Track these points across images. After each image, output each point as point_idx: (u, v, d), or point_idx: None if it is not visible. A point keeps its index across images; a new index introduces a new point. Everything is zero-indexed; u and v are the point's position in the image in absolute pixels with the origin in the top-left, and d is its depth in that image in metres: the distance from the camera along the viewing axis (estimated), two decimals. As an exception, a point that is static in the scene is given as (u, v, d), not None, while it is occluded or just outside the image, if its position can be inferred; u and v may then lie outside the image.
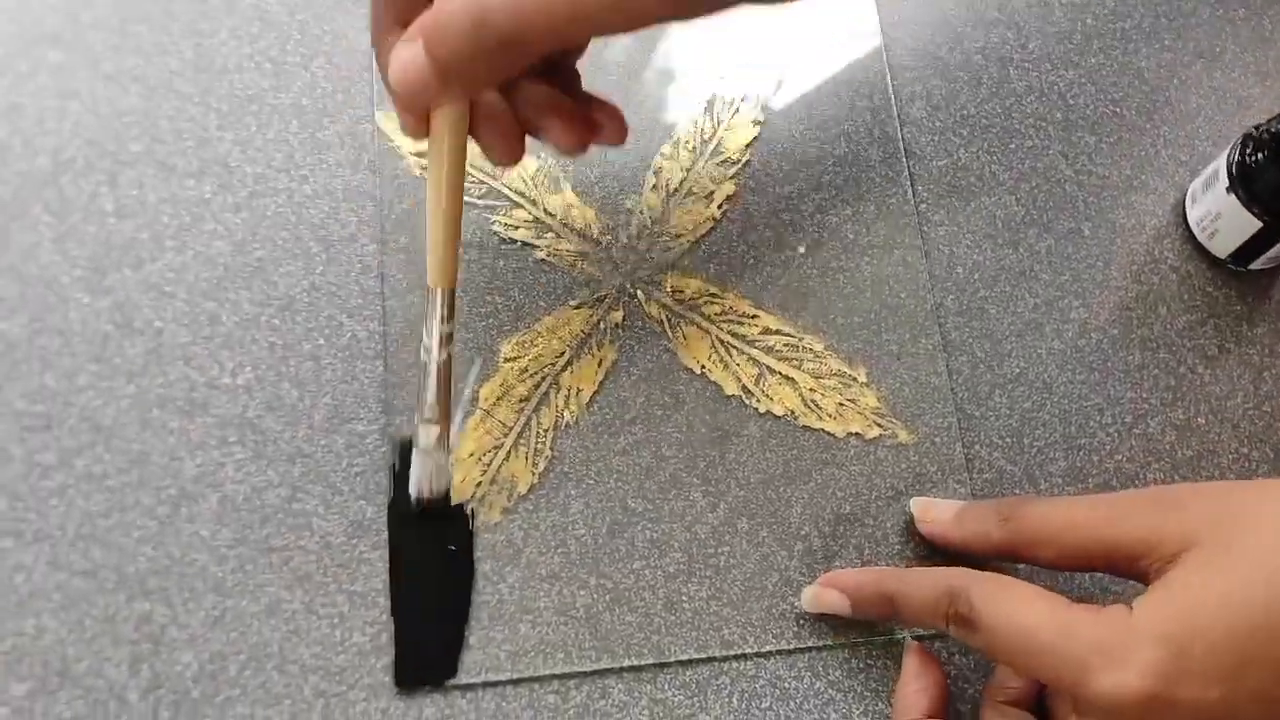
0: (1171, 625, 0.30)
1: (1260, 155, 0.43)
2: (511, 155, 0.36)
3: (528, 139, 0.36)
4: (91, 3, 0.46)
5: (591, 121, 0.37)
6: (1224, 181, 0.44)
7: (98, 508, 0.40)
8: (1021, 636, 0.32)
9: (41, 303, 0.42)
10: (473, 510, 0.41)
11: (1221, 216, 0.45)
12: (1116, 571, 0.34)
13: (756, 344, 0.44)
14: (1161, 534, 0.32)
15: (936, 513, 0.41)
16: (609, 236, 0.45)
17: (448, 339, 0.37)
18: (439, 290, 0.37)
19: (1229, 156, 0.44)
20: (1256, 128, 0.43)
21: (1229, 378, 0.45)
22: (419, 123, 0.34)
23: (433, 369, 0.38)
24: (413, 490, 0.40)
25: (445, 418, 0.38)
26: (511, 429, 0.42)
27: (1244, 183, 0.43)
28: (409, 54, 0.32)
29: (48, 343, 0.41)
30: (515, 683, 0.39)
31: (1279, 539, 0.31)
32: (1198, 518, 0.32)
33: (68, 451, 0.40)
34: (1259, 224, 0.43)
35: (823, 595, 0.40)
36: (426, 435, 0.39)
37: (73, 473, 0.40)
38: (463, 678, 0.39)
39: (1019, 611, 0.33)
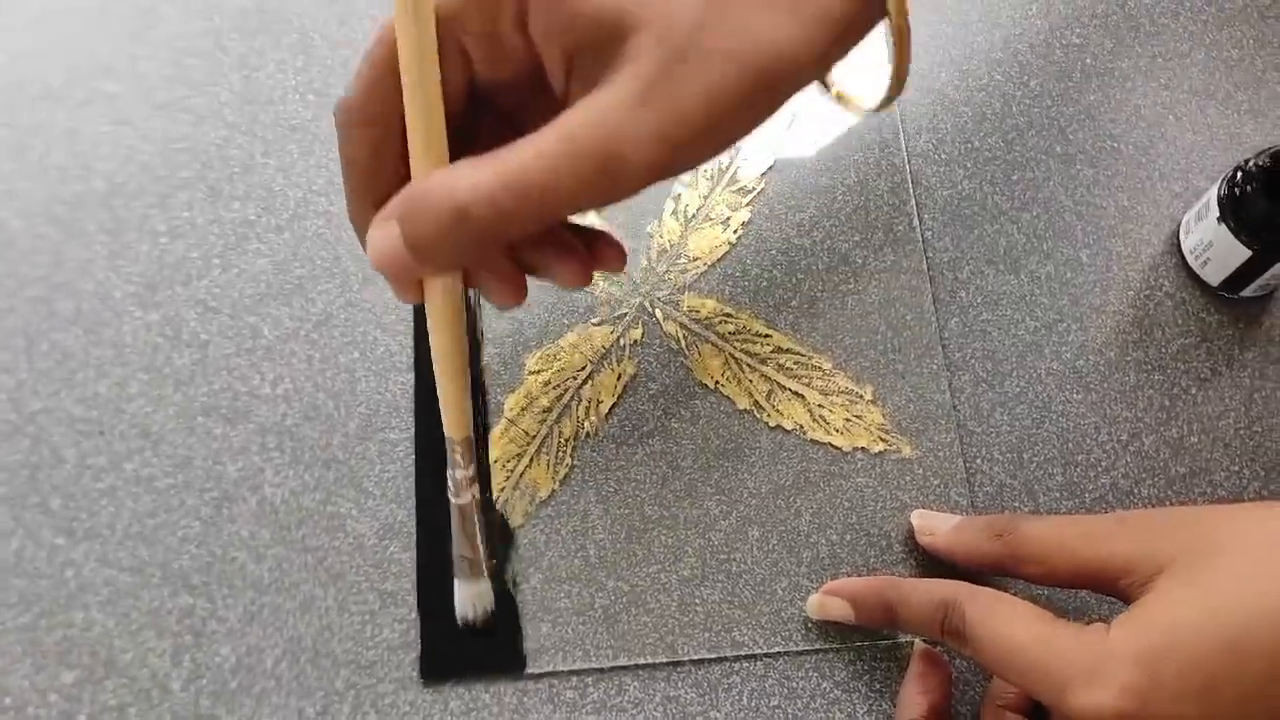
0: (1146, 645, 0.31)
1: (1249, 187, 0.45)
2: (514, 298, 0.35)
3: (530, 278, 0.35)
4: (145, 38, 0.49)
5: (591, 254, 0.35)
6: (1215, 212, 0.46)
7: (145, 508, 0.42)
8: (1008, 653, 0.34)
9: (96, 316, 0.44)
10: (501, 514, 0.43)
11: (1213, 245, 0.47)
12: (1101, 590, 0.36)
13: (768, 362, 0.46)
14: (1140, 557, 0.34)
15: (934, 526, 0.43)
16: (629, 258, 0.47)
17: (470, 481, 0.38)
18: (455, 440, 0.37)
19: (1220, 188, 0.46)
20: (1246, 161, 0.46)
21: (1220, 399, 0.47)
22: (409, 290, 0.33)
23: (459, 512, 0.39)
24: (459, 614, 0.40)
25: (477, 551, 0.39)
26: (534, 438, 0.44)
27: (1234, 213, 0.45)
28: (386, 237, 0.30)
29: (101, 353, 0.44)
30: (536, 678, 0.41)
31: (1250, 562, 0.32)
32: (1173, 541, 0.34)
33: (118, 455, 0.43)
34: (1248, 252, 0.45)
35: (827, 603, 0.42)
36: (462, 569, 0.40)
37: (122, 475, 0.42)
38: (486, 673, 0.41)
39: (1006, 628, 0.34)
